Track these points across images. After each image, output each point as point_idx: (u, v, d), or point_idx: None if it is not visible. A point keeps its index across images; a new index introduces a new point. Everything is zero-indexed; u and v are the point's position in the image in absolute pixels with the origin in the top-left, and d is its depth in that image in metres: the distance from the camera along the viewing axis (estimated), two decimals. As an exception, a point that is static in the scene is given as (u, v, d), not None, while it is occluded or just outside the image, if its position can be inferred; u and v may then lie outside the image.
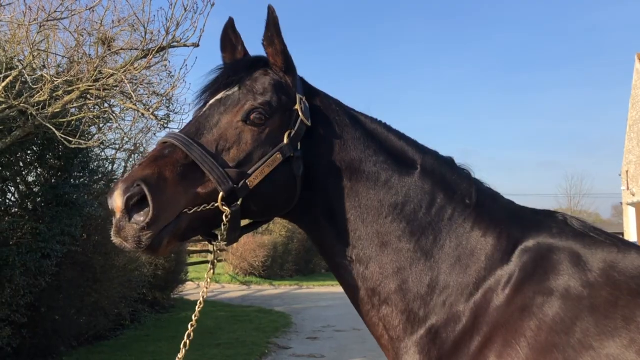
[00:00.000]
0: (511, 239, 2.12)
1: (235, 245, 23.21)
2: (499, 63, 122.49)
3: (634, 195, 24.77)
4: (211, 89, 2.12)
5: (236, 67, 2.15)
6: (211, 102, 2.08)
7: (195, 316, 2.15)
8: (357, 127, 2.23)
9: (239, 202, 1.99)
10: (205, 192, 1.96)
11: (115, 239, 1.89)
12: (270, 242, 23.68)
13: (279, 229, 25.38)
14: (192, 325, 2.16)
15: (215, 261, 2.21)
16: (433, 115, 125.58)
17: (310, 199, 2.17)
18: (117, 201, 1.84)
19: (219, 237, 2.06)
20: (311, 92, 2.23)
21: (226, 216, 1.97)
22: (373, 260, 2.15)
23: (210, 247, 2.16)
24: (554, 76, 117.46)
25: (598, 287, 1.96)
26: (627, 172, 25.90)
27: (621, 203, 27.77)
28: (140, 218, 1.85)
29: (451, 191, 2.21)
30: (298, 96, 2.12)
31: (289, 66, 2.17)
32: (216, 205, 1.95)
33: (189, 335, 2.15)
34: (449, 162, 2.32)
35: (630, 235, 25.74)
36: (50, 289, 8.82)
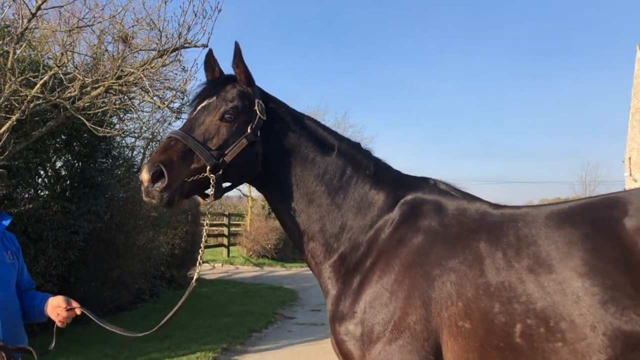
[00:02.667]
0: (396, 196, 3.11)
1: (248, 229, 24.23)
2: (520, 51, 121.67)
3: (636, 181, 25.40)
4: (198, 98, 3.08)
5: (214, 83, 3.12)
6: (198, 107, 3.04)
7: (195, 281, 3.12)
8: (296, 122, 3.20)
9: (220, 172, 2.95)
10: (198, 166, 2.92)
11: (146, 198, 2.86)
12: (282, 226, 24.60)
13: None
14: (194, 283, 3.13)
15: (203, 247, 3.26)
16: (452, 101, 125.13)
17: (266, 171, 3.13)
18: (145, 175, 2.81)
19: (209, 195, 3.03)
20: (267, 97, 3.19)
21: (212, 181, 2.94)
22: (303, 212, 3.13)
23: (225, 231, 3.15)
24: (575, 63, 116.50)
25: (449, 226, 2.93)
26: (629, 159, 26.50)
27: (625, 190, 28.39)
28: (160, 185, 2.82)
29: (357, 165, 3.19)
30: (256, 100, 3.06)
31: (249, 81, 3.12)
32: (205, 174, 2.92)
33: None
34: (357, 146, 3.30)
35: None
36: (78, 262, 9.86)
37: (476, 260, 2.77)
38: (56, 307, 3.25)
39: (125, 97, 7.63)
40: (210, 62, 3.17)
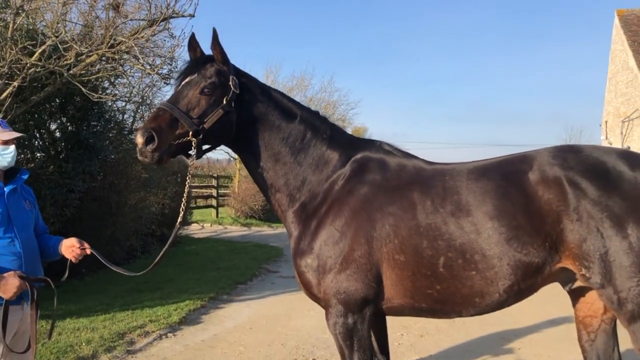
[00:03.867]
0: (348, 155, 3.75)
1: (236, 190, 24.86)
2: (507, 10, 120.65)
3: (611, 144, 26.18)
4: (182, 75, 3.66)
5: (196, 62, 3.68)
6: (182, 83, 3.62)
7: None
8: (264, 94, 3.80)
9: (200, 137, 3.55)
10: (182, 132, 3.50)
11: (140, 158, 3.47)
12: (269, 187, 25.24)
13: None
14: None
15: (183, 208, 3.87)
16: (441, 64, 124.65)
17: (240, 135, 3.74)
18: (139, 139, 3.42)
19: (192, 155, 3.65)
20: (240, 73, 3.77)
21: (194, 143, 3.55)
22: (271, 169, 3.77)
23: (214, 192, 3.77)
24: (568, 25, 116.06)
25: (390, 179, 3.59)
26: (606, 122, 27.28)
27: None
28: (151, 147, 3.43)
29: (316, 130, 3.82)
30: (231, 77, 3.64)
31: (225, 60, 3.69)
32: (188, 138, 3.52)
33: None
34: (316, 113, 3.93)
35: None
36: (74, 219, 10.46)
37: (410, 207, 3.45)
38: (70, 247, 3.90)
39: (118, 64, 8.14)
40: (193, 44, 3.74)
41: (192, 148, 3.57)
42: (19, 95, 7.77)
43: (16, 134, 3.86)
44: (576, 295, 3.71)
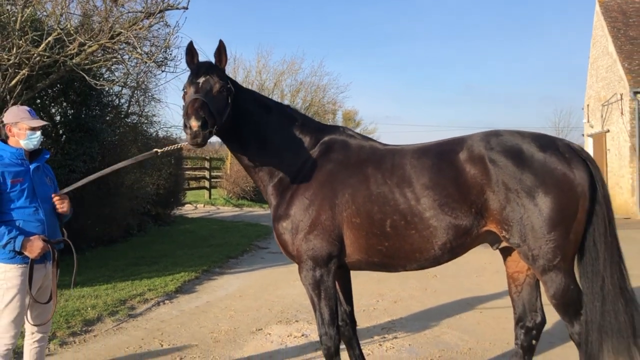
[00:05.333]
0: (317, 138, 4.49)
1: (228, 172, 25.53)
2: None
3: (592, 127, 26.98)
4: (197, 74, 4.18)
5: (211, 65, 4.25)
6: (203, 80, 4.13)
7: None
8: (247, 93, 4.52)
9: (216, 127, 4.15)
10: (212, 122, 3.99)
11: (192, 141, 3.88)
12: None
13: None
14: None
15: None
16: (434, 47, 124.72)
17: (231, 128, 4.35)
18: (194, 122, 3.84)
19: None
20: (230, 78, 4.43)
21: (214, 131, 4.08)
22: (256, 154, 4.49)
23: (206, 174, 4.45)
24: (560, 9, 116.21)
25: (351, 157, 4.33)
26: (587, 106, 28.04)
27: (582, 135, 30.07)
28: (205, 130, 3.89)
29: (290, 119, 4.56)
30: (229, 80, 4.33)
31: (224, 66, 4.36)
32: (215, 126, 4.04)
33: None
34: (287, 106, 4.67)
35: (588, 164, 28.09)
36: (75, 199, 10.88)
37: (365, 179, 4.20)
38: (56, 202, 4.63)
39: (117, 53, 8.82)
40: (192, 50, 4.35)
41: (213, 133, 4.13)
42: (26, 83, 8.43)
43: (43, 122, 4.60)
44: (506, 255, 4.48)
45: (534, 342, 4.45)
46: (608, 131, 24.47)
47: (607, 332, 3.98)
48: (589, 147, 27.25)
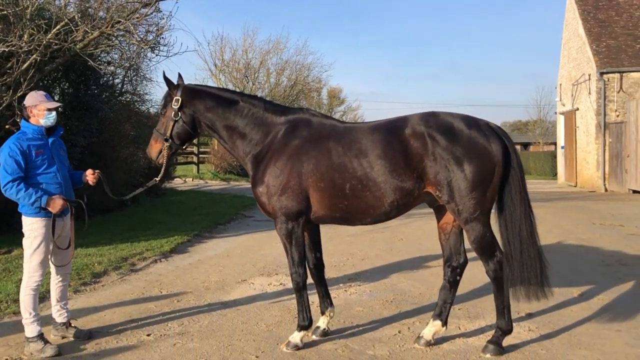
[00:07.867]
0: (282, 118, 5.57)
1: (216, 147, 26.52)
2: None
3: (564, 105, 28.24)
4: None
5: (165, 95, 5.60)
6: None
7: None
8: (212, 96, 5.60)
9: (170, 142, 5.50)
10: (161, 142, 5.47)
11: (154, 162, 5.55)
12: (247, 145, 27.00)
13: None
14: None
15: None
16: (419, 24, 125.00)
17: (204, 125, 5.56)
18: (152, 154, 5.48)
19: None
20: (189, 88, 5.59)
21: (165, 147, 5.48)
22: (228, 138, 5.61)
23: (194, 149, 5.62)
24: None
25: (314, 133, 5.42)
26: (560, 85, 29.28)
27: (555, 112, 31.34)
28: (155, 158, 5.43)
29: (254, 105, 5.63)
30: (174, 98, 5.50)
31: (171, 87, 5.51)
32: (167, 144, 5.44)
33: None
34: (253, 95, 5.77)
35: (559, 140, 29.44)
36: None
37: (327, 151, 5.32)
38: (88, 174, 5.75)
39: (116, 40, 9.87)
40: (165, 79, 5.61)
41: (173, 149, 5.68)
42: (36, 66, 9.47)
43: (58, 104, 5.70)
44: (437, 211, 5.66)
45: (458, 278, 5.65)
46: (577, 109, 25.75)
47: (524, 267, 5.12)
48: (561, 125, 28.56)
